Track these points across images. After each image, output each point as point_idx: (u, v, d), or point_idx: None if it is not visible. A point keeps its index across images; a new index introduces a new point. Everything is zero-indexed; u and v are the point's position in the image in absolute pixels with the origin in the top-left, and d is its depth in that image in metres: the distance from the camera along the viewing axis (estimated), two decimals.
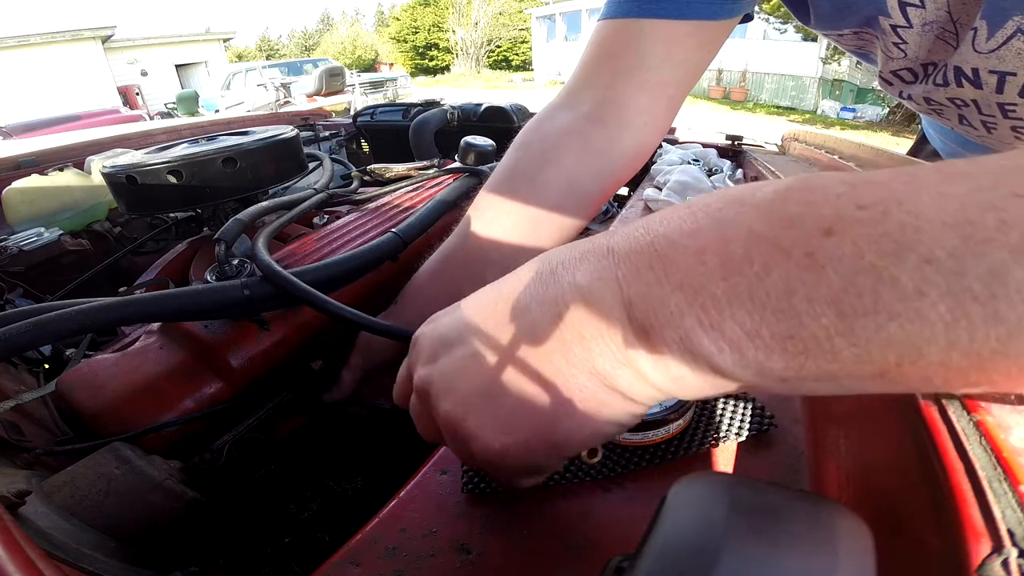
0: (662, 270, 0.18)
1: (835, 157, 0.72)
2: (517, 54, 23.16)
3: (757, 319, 0.15)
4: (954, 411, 0.17)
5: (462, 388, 0.23)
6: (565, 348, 0.20)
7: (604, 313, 0.19)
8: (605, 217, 0.82)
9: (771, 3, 7.45)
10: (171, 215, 0.83)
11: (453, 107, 1.18)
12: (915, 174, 0.15)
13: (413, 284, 0.47)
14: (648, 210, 0.64)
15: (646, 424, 0.29)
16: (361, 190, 0.74)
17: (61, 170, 0.85)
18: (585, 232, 0.48)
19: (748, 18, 0.46)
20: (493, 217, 0.45)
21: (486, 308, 0.24)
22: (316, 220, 0.68)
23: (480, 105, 1.16)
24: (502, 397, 0.22)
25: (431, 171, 0.76)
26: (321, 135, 1.26)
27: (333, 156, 0.93)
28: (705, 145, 0.93)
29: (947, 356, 0.13)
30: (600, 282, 0.19)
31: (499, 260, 0.44)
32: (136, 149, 0.77)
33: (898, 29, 0.41)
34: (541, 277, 0.22)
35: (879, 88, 0.52)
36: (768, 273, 0.15)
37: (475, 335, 0.23)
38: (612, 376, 0.19)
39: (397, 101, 2.70)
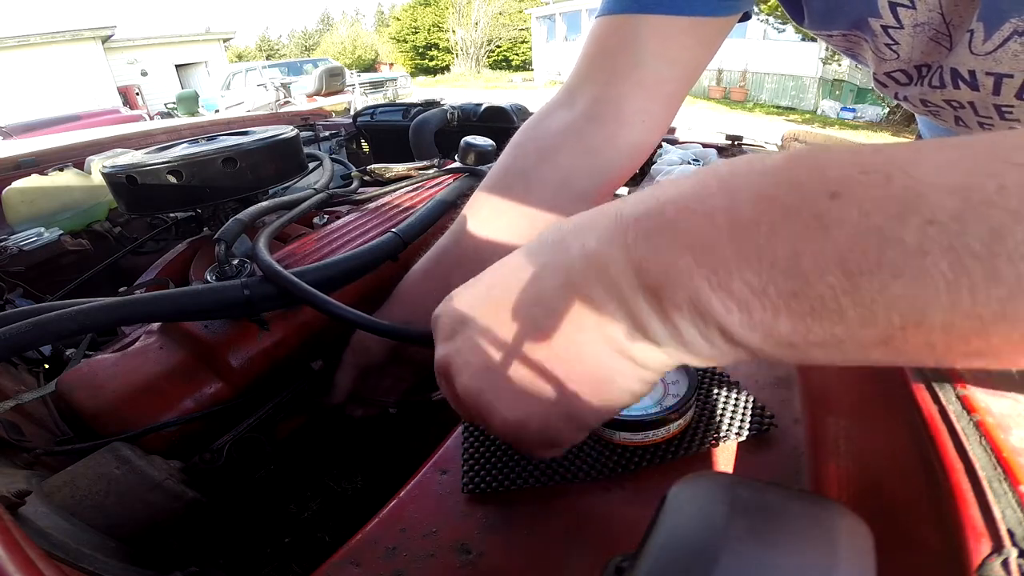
0: (672, 233, 0.18)
1: None
2: (517, 54, 23.16)
3: (764, 278, 0.16)
4: (954, 411, 0.17)
5: (476, 363, 0.23)
6: (576, 315, 0.20)
7: (614, 277, 0.19)
8: None
9: (770, 3, 7.45)
10: (171, 215, 0.83)
11: (453, 107, 1.17)
12: (918, 146, 0.15)
13: (407, 281, 0.47)
14: None
15: (646, 424, 0.29)
16: (361, 190, 0.74)
17: (61, 170, 0.85)
18: None
19: (746, 17, 0.46)
20: (487, 215, 0.45)
21: (499, 282, 0.24)
22: (316, 220, 0.68)
23: (480, 105, 1.16)
24: (516, 369, 0.22)
25: (431, 171, 0.76)
26: (321, 135, 1.26)
27: (333, 156, 0.93)
28: (705, 145, 0.93)
29: (950, 318, 0.14)
30: (610, 246, 0.19)
31: (494, 258, 0.43)
32: (136, 149, 0.77)
33: (889, 30, 0.41)
34: (550, 245, 0.22)
35: (878, 91, 0.52)
36: (775, 233, 0.15)
37: (487, 309, 0.23)
38: (624, 341, 0.20)
39: (397, 101, 2.70)
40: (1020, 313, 0.13)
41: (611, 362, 0.20)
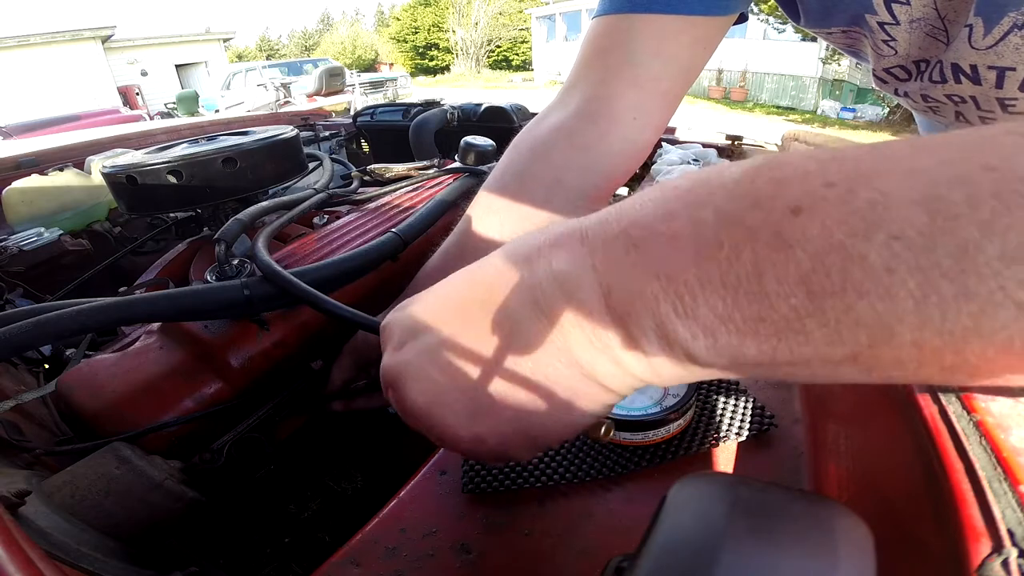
0: (637, 257, 0.17)
1: None
2: (517, 54, 23.15)
3: (729, 303, 0.15)
4: (954, 411, 0.17)
5: (430, 376, 0.22)
6: (542, 337, 0.20)
7: (582, 301, 0.19)
8: None
9: (770, 3, 7.45)
10: (171, 215, 0.83)
11: (453, 107, 1.17)
12: (886, 150, 0.15)
13: (416, 283, 0.47)
14: None
15: (646, 424, 0.29)
16: (361, 190, 0.74)
17: (61, 170, 0.85)
18: None
19: (743, 18, 0.46)
20: (484, 215, 0.45)
21: (456, 295, 0.23)
22: (316, 220, 0.68)
23: (480, 105, 1.16)
24: (473, 387, 0.21)
25: (431, 171, 0.76)
26: (321, 135, 1.26)
27: (333, 156, 0.93)
28: (705, 145, 0.93)
29: (919, 336, 0.13)
30: (577, 270, 0.19)
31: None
32: (136, 149, 0.77)
33: (886, 26, 0.42)
34: (515, 264, 0.21)
35: (878, 88, 0.52)
36: (738, 256, 0.15)
37: (444, 322, 0.22)
38: (590, 364, 0.19)
39: (397, 101, 2.70)
40: (994, 329, 0.12)
41: (575, 384, 0.20)
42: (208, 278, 0.44)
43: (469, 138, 0.76)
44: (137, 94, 11.81)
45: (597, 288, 0.18)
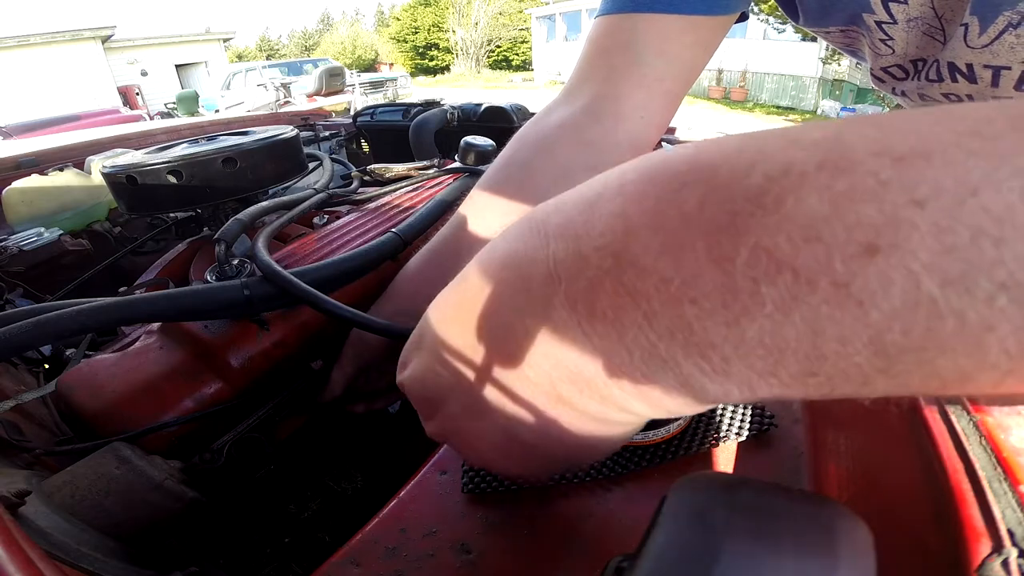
0: (640, 314, 0.14)
1: None
2: (517, 54, 23.16)
3: (772, 363, 0.12)
4: (954, 411, 0.17)
5: (473, 438, 0.23)
6: (547, 399, 0.19)
7: (578, 370, 0.16)
8: None
9: (770, 3, 7.45)
10: (171, 215, 0.83)
11: (453, 107, 1.17)
12: (984, 133, 0.10)
13: (403, 275, 0.47)
14: None
15: (646, 424, 0.29)
16: (361, 190, 0.74)
17: (61, 170, 0.85)
18: None
19: (744, 17, 0.47)
20: (484, 208, 0.45)
21: (456, 347, 0.22)
22: (316, 220, 0.68)
23: (480, 105, 1.16)
24: (512, 441, 0.21)
25: (431, 171, 0.76)
26: (321, 135, 1.26)
27: (333, 156, 0.93)
28: None
29: (999, 380, 0.11)
30: (560, 332, 0.16)
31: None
32: (136, 149, 0.77)
33: (883, 25, 0.42)
34: (489, 316, 0.19)
35: (876, 87, 0.52)
36: (786, 316, 0.12)
37: (455, 387, 0.22)
38: (604, 416, 0.18)
39: (397, 101, 2.70)
40: None
41: (595, 428, 0.19)
42: (208, 278, 0.44)
43: (469, 138, 0.76)
44: (137, 94, 11.83)
45: (591, 353, 0.16)
